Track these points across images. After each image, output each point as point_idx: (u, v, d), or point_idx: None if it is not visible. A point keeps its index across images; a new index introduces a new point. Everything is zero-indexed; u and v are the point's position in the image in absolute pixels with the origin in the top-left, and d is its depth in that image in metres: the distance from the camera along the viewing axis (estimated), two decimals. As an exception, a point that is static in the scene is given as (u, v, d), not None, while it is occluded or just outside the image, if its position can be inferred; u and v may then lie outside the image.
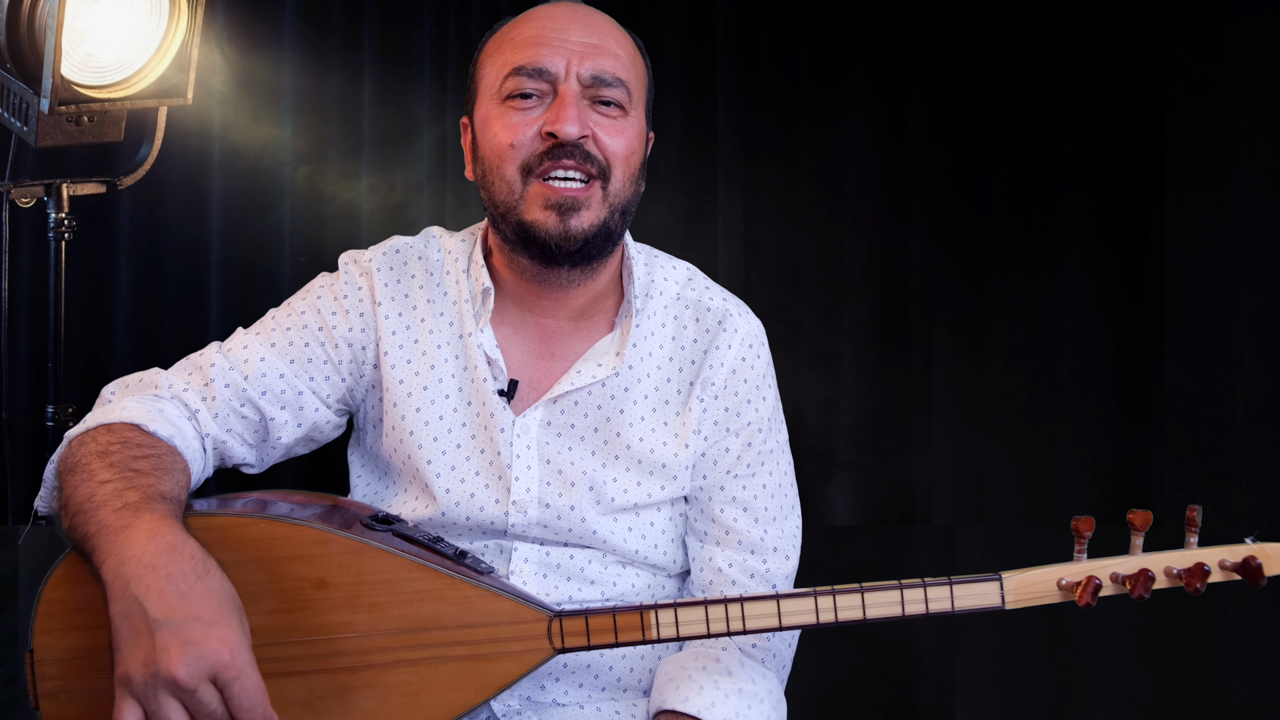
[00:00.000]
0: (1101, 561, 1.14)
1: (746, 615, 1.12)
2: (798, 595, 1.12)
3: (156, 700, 0.96)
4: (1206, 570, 1.14)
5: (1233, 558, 1.15)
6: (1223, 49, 2.20)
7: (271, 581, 1.09)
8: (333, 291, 1.33)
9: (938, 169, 2.32)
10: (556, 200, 1.21)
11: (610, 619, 1.12)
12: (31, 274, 2.32)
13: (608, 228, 1.24)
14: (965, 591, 1.12)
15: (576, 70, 1.22)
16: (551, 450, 1.29)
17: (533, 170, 1.22)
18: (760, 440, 1.33)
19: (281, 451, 1.33)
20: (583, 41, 1.24)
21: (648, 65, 1.32)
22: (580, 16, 1.27)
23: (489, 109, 1.26)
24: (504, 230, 1.26)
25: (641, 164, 1.29)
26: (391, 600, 1.10)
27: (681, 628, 1.12)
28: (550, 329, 1.33)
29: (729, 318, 1.34)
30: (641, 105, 1.29)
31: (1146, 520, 1.14)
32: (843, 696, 2.27)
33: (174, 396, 1.25)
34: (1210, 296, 2.21)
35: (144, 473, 1.10)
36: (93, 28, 1.82)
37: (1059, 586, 1.14)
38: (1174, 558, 1.15)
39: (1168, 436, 2.22)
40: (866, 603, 1.12)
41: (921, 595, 1.12)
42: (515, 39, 1.26)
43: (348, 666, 1.10)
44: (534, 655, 1.12)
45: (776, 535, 1.33)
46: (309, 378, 1.30)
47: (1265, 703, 2.18)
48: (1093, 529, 1.14)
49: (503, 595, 1.12)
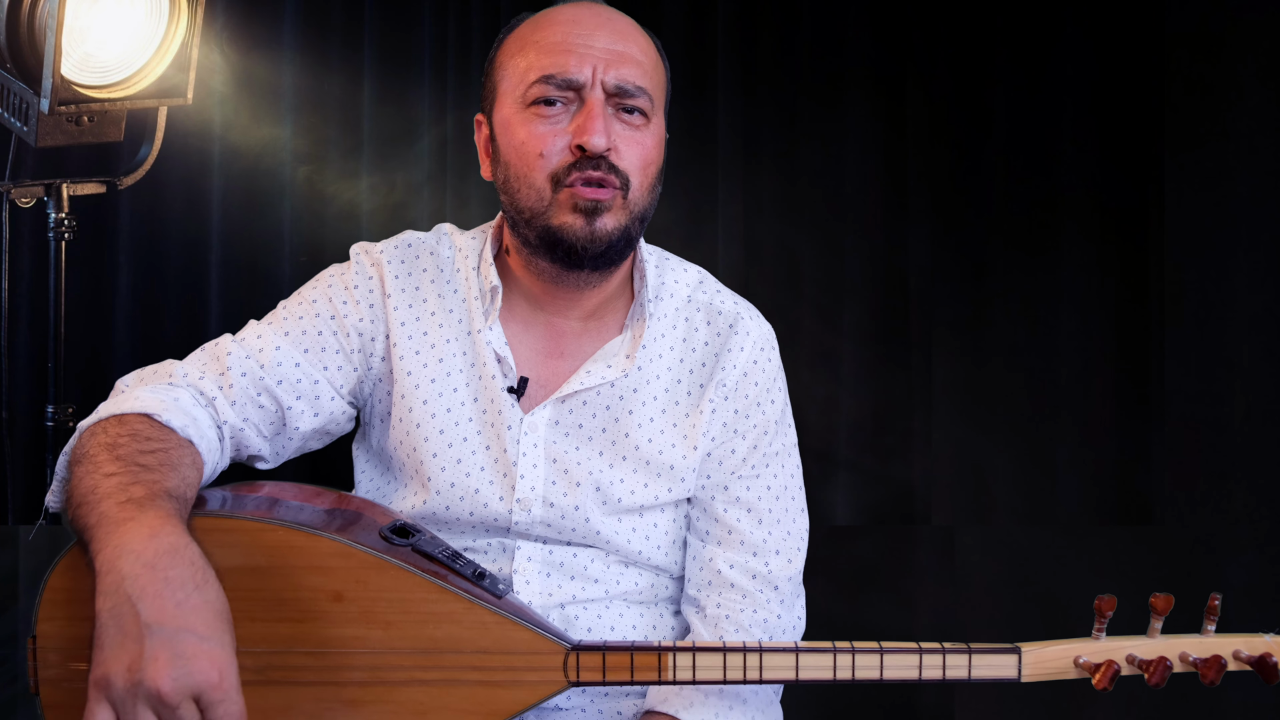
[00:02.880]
0: (1120, 642, 1.15)
1: (765, 666, 1.13)
2: (817, 650, 1.13)
3: (134, 710, 0.93)
4: (1223, 664, 1.13)
5: (1249, 650, 1.15)
6: (1223, 49, 2.20)
7: (287, 590, 1.09)
8: (343, 281, 1.33)
9: (938, 169, 2.32)
10: (584, 204, 1.22)
11: (628, 657, 1.12)
12: (31, 274, 2.32)
13: (628, 233, 1.25)
14: (983, 661, 1.14)
15: (602, 78, 1.22)
16: (558, 450, 1.29)
17: (561, 180, 1.22)
18: (767, 442, 1.34)
19: (297, 444, 1.32)
20: (608, 48, 1.23)
21: (667, 68, 1.33)
22: (605, 20, 1.26)
23: (511, 113, 1.26)
24: (527, 235, 1.26)
25: (660, 171, 1.29)
26: (407, 619, 1.10)
27: (698, 672, 1.13)
28: (560, 328, 1.33)
29: (741, 321, 1.35)
30: (661, 110, 1.30)
31: (1168, 604, 1.13)
32: (843, 696, 2.27)
33: (189, 385, 1.24)
34: (1210, 296, 2.20)
35: (151, 468, 1.09)
36: (93, 28, 1.82)
37: (1076, 664, 1.14)
38: (1191, 645, 1.15)
39: (1168, 436, 2.22)
40: (885, 664, 1.14)
41: (940, 661, 1.14)
42: (540, 43, 1.25)
43: (358, 681, 1.09)
44: (547, 687, 1.12)
45: (780, 538, 1.33)
46: (323, 366, 1.30)
47: (1265, 703, 2.18)
48: (1114, 608, 1.14)
49: (520, 624, 1.12)
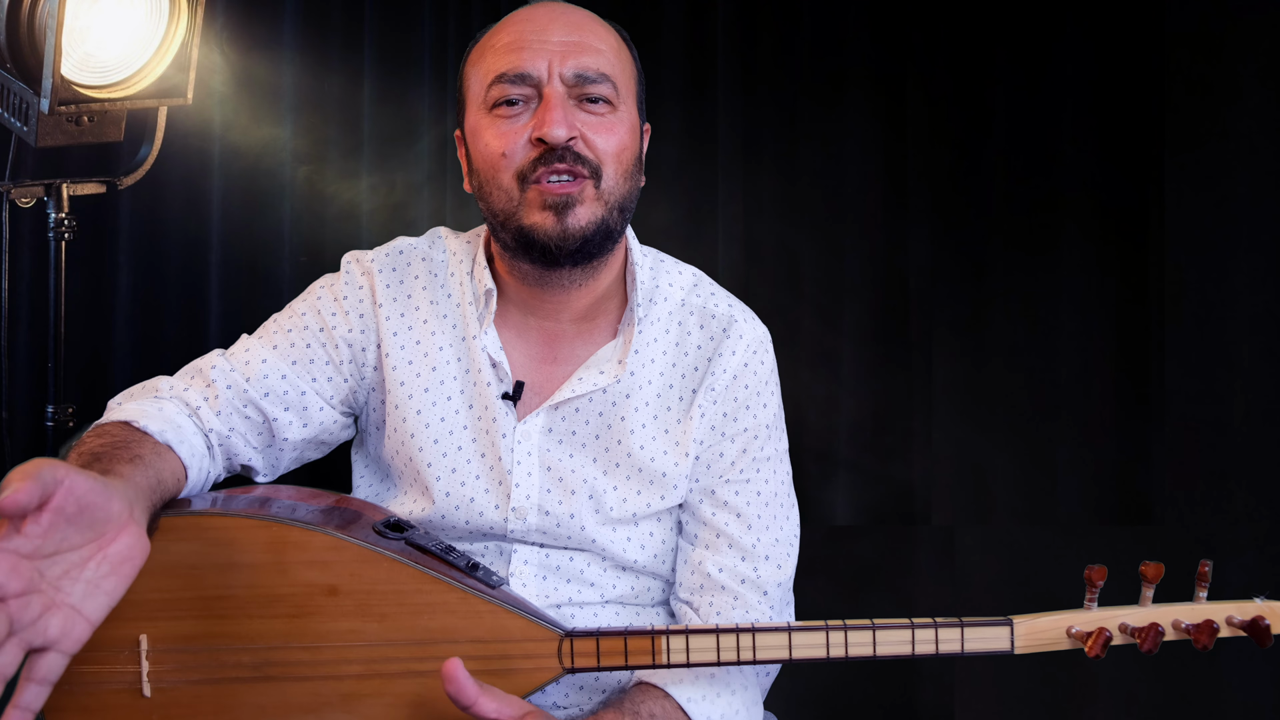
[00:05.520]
0: (1112, 611, 1.14)
1: (758, 646, 1.12)
2: (809, 629, 1.13)
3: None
4: (1215, 628, 1.13)
5: (1241, 615, 1.14)
6: (1223, 49, 2.20)
7: (282, 585, 1.09)
8: (333, 292, 1.33)
9: (938, 169, 2.32)
10: (552, 200, 1.20)
11: (621, 641, 1.12)
12: (31, 274, 2.32)
13: (606, 225, 1.23)
14: (976, 634, 1.13)
15: (559, 71, 1.21)
16: (552, 457, 1.28)
17: (527, 177, 1.21)
18: (757, 447, 1.32)
19: (291, 455, 1.32)
20: (563, 40, 1.22)
21: (635, 57, 1.31)
22: (558, 15, 1.25)
23: (477, 119, 1.25)
24: (504, 238, 1.25)
25: (636, 158, 1.27)
26: (402, 611, 1.10)
27: (692, 654, 1.13)
28: (553, 332, 1.32)
29: (735, 324, 1.33)
30: (632, 98, 1.27)
31: (1159, 573, 1.13)
32: (842, 696, 2.27)
33: (174, 396, 1.25)
34: (1210, 296, 2.20)
35: (102, 458, 1.06)
36: (93, 28, 1.82)
37: (1069, 634, 1.14)
38: (1183, 611, 1.14)
39: (1168, 436, 2.22)
40: (878, 640, 1.13)
41: (932, 635, 1.13)
42: (495, 46, 1.25)
43: (354, 674, 1.10)
44: (543, 674, 1.11)
45: (770, 542, 1.31)
46: (311, 378, 1.30)
47: (1265, 703, 2.18)
48: (1105, 578, 1.13)
49: (514, 612, 1.12)
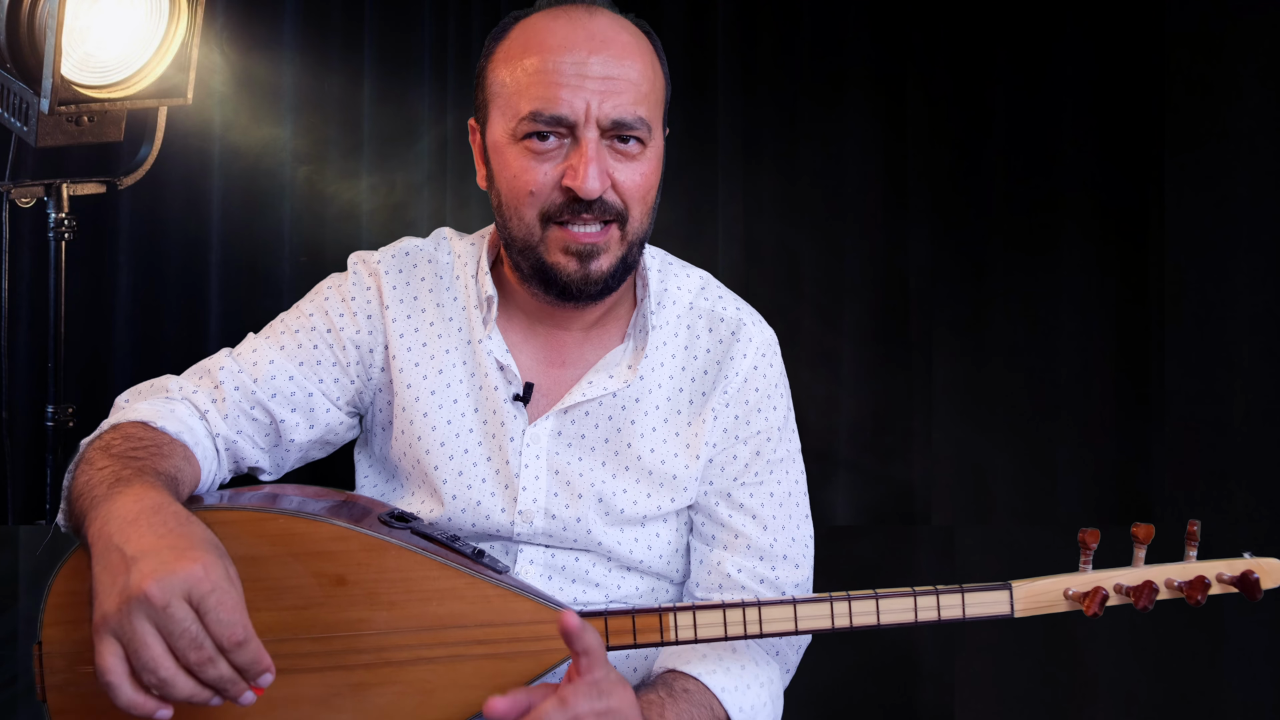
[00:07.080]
0: (1106, 573, 1.17)
1: (764, 619, 1.14)
2: (813, 600, 1.14)
3: (132, 627, 0.91)
4: (1207, 583, 1.17)
5: (1231, 571, 1.18)
6: (1223, 49, 2.20)
7: (290, 577, 1.10)
8: (340, 293, 1.32)
9: (938, 169, 2.32)
10: (577, 248, 1.20)
11: (630, 620, 1.13)
12: (31, 274, 2.32)
13: (625, 262, 1.24)
14: (976, 599, 1.15)
15: (597, 116, 1.17)
16: (561, 461, 1.28)
17: (552, 219, 1.20)
18: (770, 449, 1.32)
19: (296, 455, 1.32)
20: (604, 76, 1.17)
21: (664, 67, 1.27)
22: (599, 41, 1.19)
23: (503, 140, 1.22)
24: (521, 264, 1.25)
25: (658, 191, 1.26)
26: (410, 598, 1.10)
27: (700, 630, 1.13)
28: (561, 338, 1.32)
29: (743, 327, 1.33)
30: (659, 123, 1.25)
31: (1149, 534, 1.16)
32: (843, 696, 2.27)
33: (184, 398, 1.26)
34: (1210, 296, 2.20)
35: (140, 458, 1.10)
36: (93, 28, 1.82)
37: (1066, 596, 1.17)
38: (1175, 570, 1.18)
39: (1168, 436, 2.22)
40: (881, 608, 1.14)
41: (934, 602, 1.15)
42: (531, 69, 1.19)
43: (365, 663, 1.10)
44: (552, 655, 1.12)
45: (786, 543, 1.32)
46: (318, 379, 1.30)
47: (1265, 703, 2.17)
48: (1098, 540, 1.16)
49: (522, 595, 1.12)
